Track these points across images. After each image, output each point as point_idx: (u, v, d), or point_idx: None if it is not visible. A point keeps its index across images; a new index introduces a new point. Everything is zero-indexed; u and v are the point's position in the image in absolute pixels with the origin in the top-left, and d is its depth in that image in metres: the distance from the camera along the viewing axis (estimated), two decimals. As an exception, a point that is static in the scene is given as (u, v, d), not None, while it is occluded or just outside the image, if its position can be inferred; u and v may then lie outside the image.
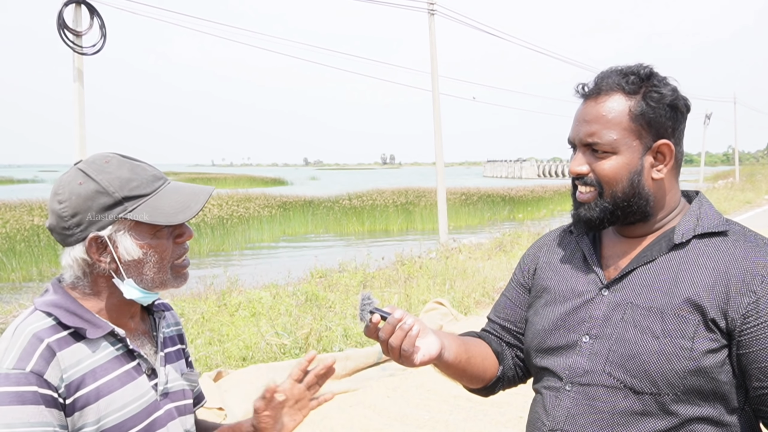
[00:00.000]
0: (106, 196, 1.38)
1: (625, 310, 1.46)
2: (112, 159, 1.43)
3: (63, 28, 8.77)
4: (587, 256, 1.59)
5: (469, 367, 1.63)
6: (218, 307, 8.26)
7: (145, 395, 1.46)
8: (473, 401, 5.45)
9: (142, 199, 1.41)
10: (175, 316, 1.72)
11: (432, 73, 16.29)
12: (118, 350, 1.44)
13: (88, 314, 1.42)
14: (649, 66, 1.49)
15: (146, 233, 1.42)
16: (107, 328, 1.42)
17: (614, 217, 1.51)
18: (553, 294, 1.62)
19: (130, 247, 1.40)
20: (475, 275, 10.59)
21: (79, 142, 9.45)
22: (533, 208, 30.38)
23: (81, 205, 1.38)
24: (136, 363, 1.47)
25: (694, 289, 1.40)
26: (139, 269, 1.43)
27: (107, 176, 1.39)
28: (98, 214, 1.38)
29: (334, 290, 9.38)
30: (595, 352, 1.47)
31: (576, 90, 1.53)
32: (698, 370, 1.36)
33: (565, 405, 1.49)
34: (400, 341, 1.42)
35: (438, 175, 16.37)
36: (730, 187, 36.65)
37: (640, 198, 1.48)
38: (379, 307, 1.45)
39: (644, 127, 1.45)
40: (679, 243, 1.47)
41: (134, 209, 1.40)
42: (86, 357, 1.38)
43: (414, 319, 1.44)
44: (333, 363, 1.73)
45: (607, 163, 1.47)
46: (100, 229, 1.39)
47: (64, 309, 1.39)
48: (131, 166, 1.43)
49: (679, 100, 1.47)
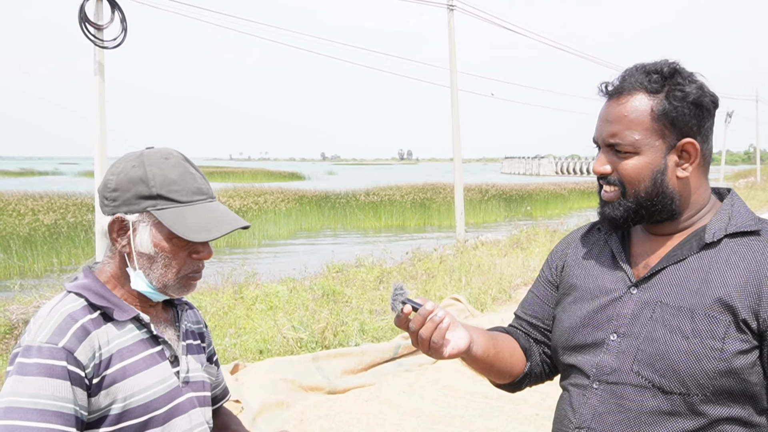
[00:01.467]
0: (145, 186, 1.44)
1: (654, 308, 1.44)
2: (173, 159, 1.49)
3: (84, 22, 8.83)
4: (616, 254, 1.58)
5: (497, 361, 1.62)
6: (235, 300, 8.31)
7: (168, 380, 1.50)
8: (489, 398, 5.44)
9: (175, 204, 1.46)
10: (197, 314, 1.77)
11: (451, 69, 16.25)
12: (143, 334, 1.49)
13: (115, 298, 1.47)
14: (674, 63, 1.47)
15: (164, 235, 1.46)
16: (133, 313, 1.48)
17: (638, 216, 1.50)
18: (580, 291, 1.61)
19: (146, 240, 1.45)
20: (491, 272, 10.57)
21: (99, 134, 9.52)
22: (551, 206, 30.25)
23: (123, 185, 1.45)
24: (160, 348, 1.52)
25: (726, 289, 1.38)
26: (149, 264, 1.47)
27: (157, 171, 1.46)
28: (133, 199, 1.45)
29: (351, 285, 9.39)
30: (622, 350, 1.46)
31: (599, 89, 1.52)
32: (728, 371, 1.35)
33: (592, 403, 1.49)
34: (430, 333, 1.42)
35: (455, 171, 16.33)
36: (751, 186, 36.26)
37: (665, 197, 1.47)
38: (411, 298, 1.45)
39: (667, 127, 1.43)
40: (711, 242, 1.45)
41: (163, 209, 1.45)
42: (115, 337, 1.43)
43: (445, 312, 1.44)
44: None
45: (629, 163, 1.46)
46: (129, 213, 1.45)
47: (93, 291, 1.46)
48: (183, 171, 1.48)
49: (704, 98, 1.44)
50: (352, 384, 5.77)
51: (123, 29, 9.10)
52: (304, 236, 22.59)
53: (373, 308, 8.02)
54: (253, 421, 4.77)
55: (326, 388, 5.59)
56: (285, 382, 5.39)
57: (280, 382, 5.36)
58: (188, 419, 1.53)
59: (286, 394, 5.27)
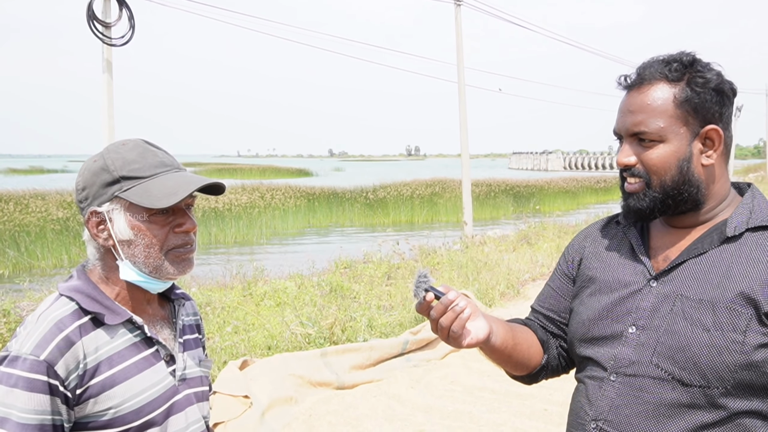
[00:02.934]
0: (107, 173, 1.45)
1: (675, 302, 1.44)
2: (130, 143, 1.50)
3: (92, 20, 8.87)
4: (635, 246, 1.58)
5: (515, 353, 1.63)
6: (244, 296, 8.34)
7: (163, 380, 1.49)
8: (497, 393, 5.44)
9: (139, 180, 1.45)
10: (194, 306, 1.75)
11: (458, 64, 16.21)
12: (136, 337, 1.48)
13: (108, 300, 1.46)
14: (691, 53, 1.47)
15: (141, 215, 1.45)
16: (125, 316, 1.46)
17: (665, 206, 1.49)
18: (599, 284, 1.61)
19: (123, 226, 1.45)
20: (499, 267, 10.56)
21: (108, 132, 9.56)
22: (559, 201, 30.17)
23: (88, 180, 1.47)
24: (155, 349, 1.51)
25: (748, 283, 1.38)
26: (132, 251, 1.46)
27: (115, 156, 1.47)
28: (100, 190, 1.45)
29: (359, 281, 9.41)
30: (642, 343, 1.46)
31: (618, 82, 1.52)
32: (749, 364, 1.35)
33: (609, 395, 1.49)
34: (450, 322, 1.42)
35: (463, 166, 16.31)
36: (760, 180, 36.07)
37: (690, 185, 1.46)
38: (434, 286, 1.45)
39: (690, 113, 1.44)
40: (732, 236, 1.45)
41: (129, 189, 1.44)
42: (104, 344, 1.42)
43: (467, 301, 1.44)
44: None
45: (654, 152, 1.46)
46: (100, 204, 1.45)
47: (85, 294, 1.45)
48: (142, 150, 1.49)
49: (724, 84, 1.45)
50: (361, 379, 5.79)
51: (131, 26, 9.13)
52: (312, 232, 22.63)
53: (381, 304, 8.04)
54: (262, 417, 4.79)
55: (335, 383, 5.61)
56: (293, 378, 5.40)
57: (289, 377, 5.38)
58: (184, 417, 1.53)
59: (295, 390, 5.29)
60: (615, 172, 19.68)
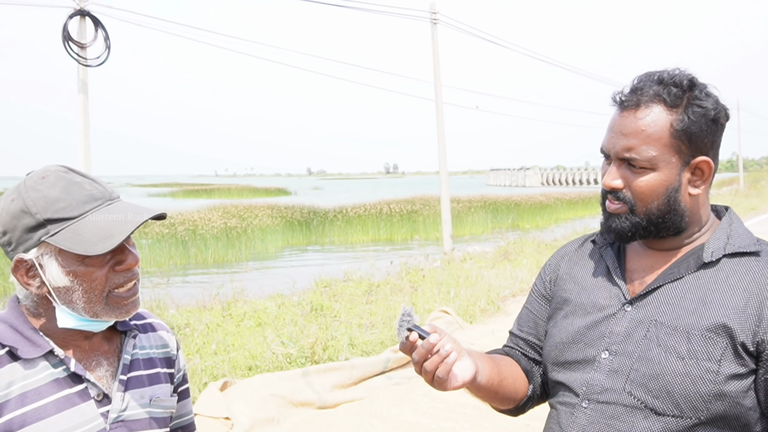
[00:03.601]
0: (29, 216, 1.28)
1: (649, 327, 1.40)
2: (51, 175, 1.33)
3: (68, 41, 8.83)
4: (611, 268, 1.53)
5: (501, 389, 1.57)
6: (223, 317, 8.26)
7: (88, 423, 1.33)
8: (480, 409, 5.43)
9: (66, 222, 1.28)
10: (163, 338, 1.58)
11: (435, 82, 16.34)
12: (59, 373, 1.33)
13: (30, 331, 1.32)
14: (689, 74, 1.41)
15: (74, 260, 1.30)
16: (46, 348, 1.32)
17: (647, 232, 1.45)
18: (573, 306, 1.56)
19: (56, 273, 1.30)
20: (479, 283, 10.58)
21: (83, 153, 9.49)
22: (537, 217, 30.35)
23: (9, 224, 1.30)
24: (83, 387, 1.34)
25: (724, 311, 1.35)
26: (69, 297, 1.31)
27: (35, 194, 1.29)
28: (23, 235, 1.29)
29: (339, 300, 9.37)
30: (615, 369, 1.42)
31: (613, 99, 1.45)
32: (722, 394, 1.32)
33: (580, 422, 1.44)
34: (435, 366, 1.34)
35: (442, 183, 16.38)
36: (734, 193, 36.63)
37: (676, 214, 1.43)
38: (418, 325, 1.37)
39: (684, 143, 1.38)
40: (709, 261, 1.41)
41: (56, 233, 1.28)
42: (19, 379, 1.28)
43: (453, 343, 1.36)
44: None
45: (643, 180, 1.41)
46: (26, 250, 1.29)
47: (8, 324, 1.32)
48: (67, 184, 1.31)
49: (720, 113, 1.40)
50: (343, 398, 5.75)
51: (107, 47, 9.10)
52: (291, 252, 22.53)
53: (362, 322, 8.01)
54: (243, 438, 4.74)
55: (316, 403, 5.56)
56: (275, 398, 5.36)
57: (270, 398, 5.33)
58: None
59: (277, 410, 5.24)
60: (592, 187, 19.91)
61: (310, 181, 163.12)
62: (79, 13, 8.92)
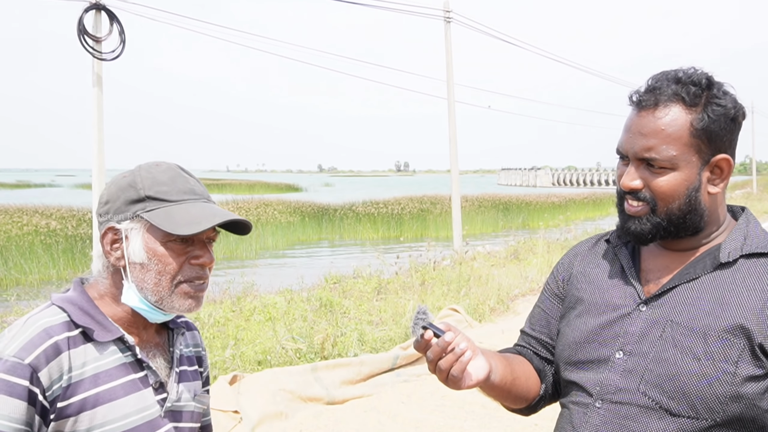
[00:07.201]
0: (133, 190, 1.40)
1: (664, 327, 1.39)
2: (164, 165, 1.46)
3: (83, 34, 8.88)
4: (626, 268, 1.52)
5: (514, 388, 1.56)
6: (233, 311, 8.30)
7: (148, 408, 1.40)
8: (488, 408, 5.43)
9: (164, 203, 1.39)
10: (196, 337, 1.66)
11: (447, 81, 16.32)
12: (126, 357, 1.40)
13: (101, 316, 1.39)
14: (706, 73, 1.40)
15: (158, 239, 1.38)
16: (117, 333, 1.39)
17: (666, 232, 1.43)
18: (587, 305, 1.55)
19: (138, 247, 1.38)
20: (489, 282, 10.57)
21: (97, 146, 9.54)
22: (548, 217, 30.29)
23: (113, 194, 1.42)
24: (144, 374, 1.42)
25: (742, 312, 1.33)
26: (142, 275, 1.39)
27: (146, 174, 1.42)
28: (123, 206, 1.40)
29: (349, 296, 9.40)
30: (629, 369, 1.41)
31: (630, 98, 1.43)
32: (739, 396, 1.31)
33: (593, 422, 1.43)
34: (449, 365, 1.34)
35: (453, 182, 16.36)
36: (747, 196, 36.43)
37: (696, 214, 1.42)
38: (433, 323, 1.35)
39: (704, 142, 1.37)
40: (725, 262, 1.40)
41: (152, 210, 1.38)
42: (92, 360, 1.35)
43: (467, 342, 1.35)
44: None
45: (663, 180, 1.39)
46: (120, 221, 1.39)
47: (78, 306, 1.38)
48: (175, 174, 1.44)
49: (739, 112, 1.40)
50: (351, 395, 5.77)
51: (121, 41, 9.15)
52: (301, 248, 22.58)
53: (372, 319, 8.03)
54: (251, 432, 4.76)
55: (325, 398, 5.59)
56: (284, 393, 5.38)
57: (279, 392, 5.36)
58: None
59: (285, 405, 5.27)
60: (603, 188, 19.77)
61: (322, 178, 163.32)
62: (94, 7, 8.97)
